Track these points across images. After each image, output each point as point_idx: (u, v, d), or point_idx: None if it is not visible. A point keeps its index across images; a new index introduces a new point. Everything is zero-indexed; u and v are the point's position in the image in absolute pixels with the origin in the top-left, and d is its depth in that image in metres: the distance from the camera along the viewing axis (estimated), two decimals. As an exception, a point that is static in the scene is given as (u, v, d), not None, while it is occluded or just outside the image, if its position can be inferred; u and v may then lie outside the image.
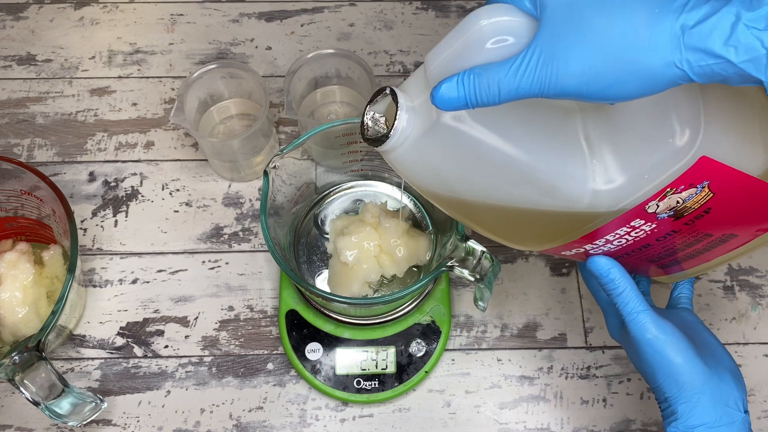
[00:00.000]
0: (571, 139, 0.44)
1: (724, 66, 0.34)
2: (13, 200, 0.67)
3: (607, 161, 0.44)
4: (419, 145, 0.45)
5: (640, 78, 0.36)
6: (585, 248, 0.51)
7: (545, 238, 0.50)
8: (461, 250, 0.56)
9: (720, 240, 0.51)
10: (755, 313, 0.70)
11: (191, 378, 0.67)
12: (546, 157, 0.44)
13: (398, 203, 0.69)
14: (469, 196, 0.48)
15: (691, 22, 0.34)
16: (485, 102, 0.39)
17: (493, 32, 0.39)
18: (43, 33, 0.83)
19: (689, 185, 0.44)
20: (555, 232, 0.49)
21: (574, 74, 0.37)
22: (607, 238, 0.49)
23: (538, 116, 0.44)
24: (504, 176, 0.45)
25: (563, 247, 0.51)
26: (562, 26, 0.37)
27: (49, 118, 0.79)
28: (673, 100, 0.42)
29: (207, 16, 0.85)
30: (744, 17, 0.33)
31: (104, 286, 0.71)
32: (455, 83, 0.39)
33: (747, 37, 0.33)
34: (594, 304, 0.70)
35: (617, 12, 0.36)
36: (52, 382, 0.56)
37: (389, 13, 0.85)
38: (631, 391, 0.67)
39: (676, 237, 0.49)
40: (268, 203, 0.59)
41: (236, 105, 0.77)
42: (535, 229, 0.50)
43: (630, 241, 0.49)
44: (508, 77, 0.38)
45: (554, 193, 0.45)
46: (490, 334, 0.69)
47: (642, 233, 0.48)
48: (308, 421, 0.66)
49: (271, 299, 0.70)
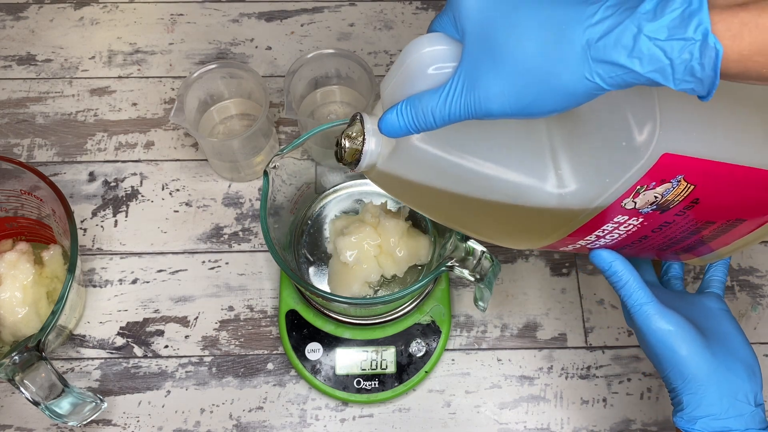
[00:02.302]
0: (537, 147, 0.45)
1: (634, 75, 0.35)
2: (13, 200, 0.67)
3: (568, 165, 0.45)
4: (390, 164, 0.47)
5: (557, 93, 0.37)
6: (580, 243, 0.51)
7: (537, 237, 0.51)
8: (461, 250, 0.56)
9: (727, 225, 0.51)
10: (755, 313, 0.70)
11: (191, 378, 0.67)
12: (507, 167, 0.45)
13: (398, 203, 0.69)
14: (450, 207, 0.50)
15: (596, 35, 0.35)
16: (424, 128, 0.41)
17: (432, 60, 0.41)
18: (43, 33, 0.83)
19: (660, 181, 0.44)
20: (541, 232, 0.50)
21: (495, 96, 0.38)
22: (597, 234, 0.49)
23: (503, 127, 0.45)
24: (471, 188, 0.46)
25: (559, 243, 0.51)
26: (479, 51, 0.38)
27: (49, 118, 0.79)
28: (626, 100, 0.42)
29: (207, 16, 0.85)
30: (645, 29, 0.34)
31: (104, 286, 0.71)
32: (395, 114, 0.41)
33: (650, 48, 0.34)
34: (594, 304, 0.70)
35: (526, 33, 0.37)
36: (52, 382, 0.56)
37: (389, 13, 0.85)
38: (631, 391, 0.67)
39: (672, 227, 0.50)
40: (268, 203, 0.59)
41: (236, 105, 0.77)
42: (526, 230, 0.51)
43: (623, 234, 0.49)
44: (438, 105, 0.39)
45: (523, 199, 0.46)
46: (490, 334, 0.69)
47: (632, 227, 0.48)
48: (308, 421, 0.66)
49: (271, 299, 0.70)
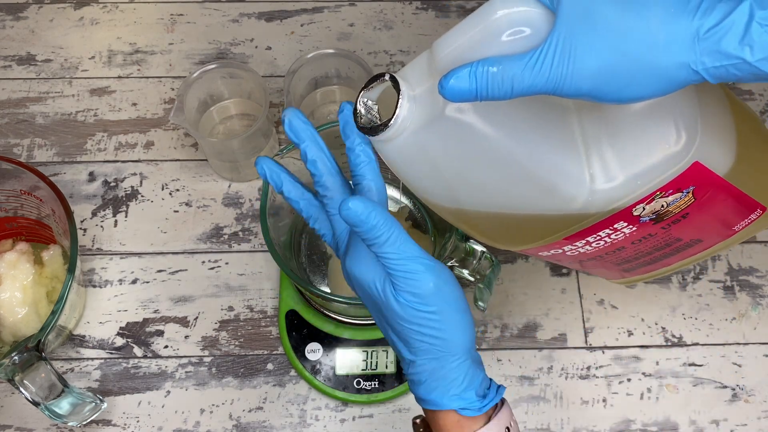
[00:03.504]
0: (568, 138, 0.44)
1: (740, 66, 0.34)
2: (12, 200, 0.67)
3: (605, 162, 0.43)
4: (418, 137, 0.43)
5: (654, 78, 0.36)
6: (563, 249, 0.51)
7: (529, 238, 0.50)
8: (461, 251, 0.56)
9: (686, 245, 0.51)
10: (755, 313, 0.70)
11: (191, 378, 0.67)
12: (546, 155, 0.43)
13: (398, 203, 0.69)
14: (463, 192, 0.46)
15: (707, 24, 0.34)
16: (496, 96, 0.37)
17: (510, 23, 0.37)
18: (43, 33, 0.83)
19: (677, 189, 0.44)
20: (542, 232, 0.49)
21: (590, 73, 0.36)
22: (587, 240, 0.48)
23: (538, 112, 0.43)
24: (504, 173, 0.44)
25: (543, 248, 0.51)
26: (579, 22, 0.36)
27: (48, 118, 0.79)
28: (674, 103, 0.42)
29: (207, 16, 0.85)
30: (757, 15, 0.33)
31: (104, 286, 0.71)
32: (467, 74, 0.37)
33: (761, 35, 0.33)
34: (594, 304, 0.70)
35: (634, 10, 0.35)
36: (52, 382, 0.56)
37: (389, 13, 0.85)
38: (631, 391, 0.67)
39: (649, 241, 0.49)
40: (268, 203, 0.59)
41: (236, 105, 0.77)
42: (522, 229, 0.49)
43: (608, 243, 0.49)
44: (523, 73, 0.36)
45: (552, 192, 0.44)
46: (490, 334, 0.69)
47: (621, 236, 0.48)
48: (308, 422, 0.66)
49: (271, 299, 0.70)
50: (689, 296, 0.71)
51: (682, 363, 0.68)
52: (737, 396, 0.67)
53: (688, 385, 0.67)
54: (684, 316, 0.70)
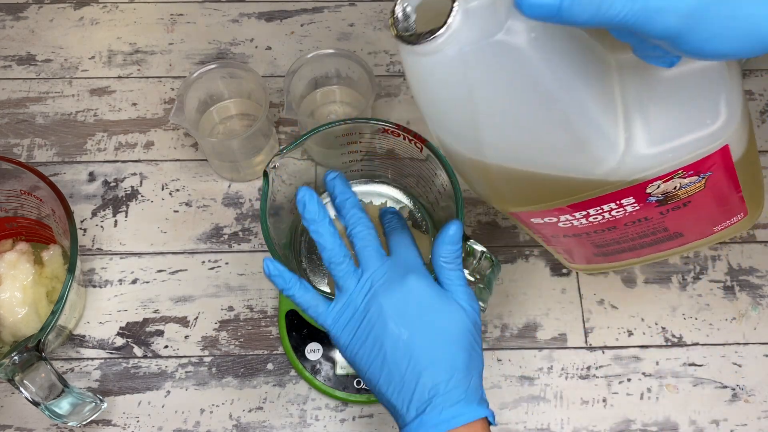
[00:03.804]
0: (608, 97, 0.41)
1: None
2: (12, 200, 0.67)
3: (642, 128, 0.41)
4: (461, 57, 0.38)
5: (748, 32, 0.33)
6: (558, 218, 0.48)
7: (534, 199, 0.47)
8: (461, 251, 0.56)
9: (668, 237, 0.50)
10: (755, 313, 0.70)
11: (191, 378, 0.67)
12: (587, 107, 0.40)
13: (398, 203, 0.69)
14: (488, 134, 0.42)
15: None
16: (578, 18, 0.33)
17: None
18: (42, 33, 0.83)
19: (696, 172, 0.42)
20: (551, 194, 0.46)
21: (685, 10, 0.33)
22: (588, 212, 0.46)
23: (584, 61, 0.40)
24: (541, 115, 0.40)
25: (540, 213, 0.48)
26: None
27: (48, 118, 0.79)
28: (722, 78, 0.40)
29: (207, 16, 0.85)
30: None
31: (104, 286, 0.71)
32: None
33: None
34: (594, 304, 0.70)
35: None
36: (52, 382, 0.56)
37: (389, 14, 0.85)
38: (631, 391, 0.67)
39: (641, 225, 0.48)
40: (268, 203, 0.59)
41: (236, 105, 0.77)
42: (532, 188, 0.46)
43: (604, 220, 0.47)
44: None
45: (583, 149, 0.41)
46: (490, 334, 0.69)
47: (621, 213, 0.46)
48: (308, 422, 0.66)
49: (271, 299, 0.70)
50: (689, 296, 0.71)
51: (682, 363, 0.68)
52: (737, 396, 0.67)
53: (688, 385, 0.67)
54: (684, 316, 0.70)
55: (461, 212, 0.57)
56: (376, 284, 0.48)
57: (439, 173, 0.61)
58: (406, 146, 0.62)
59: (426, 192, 0.66)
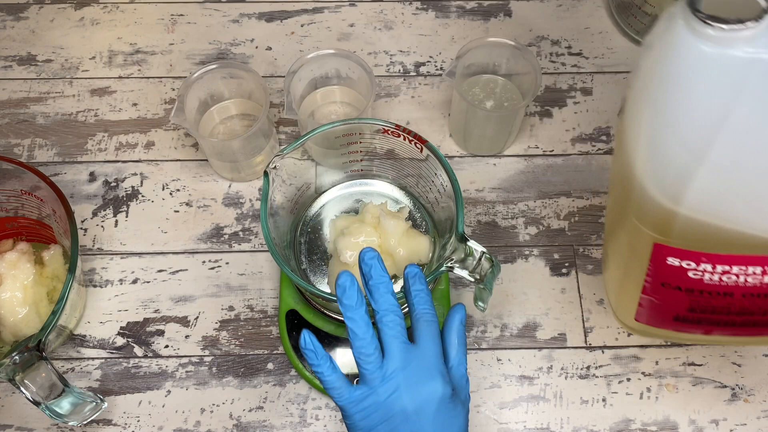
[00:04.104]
0: None
1: None
2: (13, 200, 0.67)
3: None
4: (751, 64, 0.32)
5: None
6: (698, 266, 0.43)
7: (698, 245, 0.42)
8: (461, 251, 0.56)
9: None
10: (755, 313, 0.70)
11: (191, 378, 0.67)
12: None
13: (399, 203, 0.69)
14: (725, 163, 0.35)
15: None
16: None
17: None
18: (43, 33, 0.83)
19: None
20: (722, 244, 0.40)
21: None
22: (732, 268, 0.41)
23: None
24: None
25: (687, 254, 0.42)
26: None
27: (49, 118, 0.79)
28: None
29: (207, 16, 0.85)
30: None
31: (104, 286, 0.71)
32: None
33: None
34: (594, 304, 0.70)
35: None
36: (53, 382, 0.56)
37: (389, 14, 0.85)
38: (631, 391, 0.67)
39: (758, 300, 0.44)
40: (268, 203, 0.59)
41: (236, 105, 0.77)
42: (709, 236, 0.40)
43: (731, 282, 0.43)
44: None
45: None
46: (490, 334, 0.69)
47: (746, 279, 0.42)
48: (308, 421, 0.66)
49: (271, 299, 0.71)
50: (689, 296, 0.71)
51: (681, 363, 0.68)
52: (737, 396, 0.67)
53: (687, 384, 0.67)
54: (684, 316, 0.70)
55: (461, 212, 0.57)
56: (402, 385, 0.49)
57: (439, 173, 0.61)
58: (406, 146, 0.62)
59: (426, 192, 0.66)
